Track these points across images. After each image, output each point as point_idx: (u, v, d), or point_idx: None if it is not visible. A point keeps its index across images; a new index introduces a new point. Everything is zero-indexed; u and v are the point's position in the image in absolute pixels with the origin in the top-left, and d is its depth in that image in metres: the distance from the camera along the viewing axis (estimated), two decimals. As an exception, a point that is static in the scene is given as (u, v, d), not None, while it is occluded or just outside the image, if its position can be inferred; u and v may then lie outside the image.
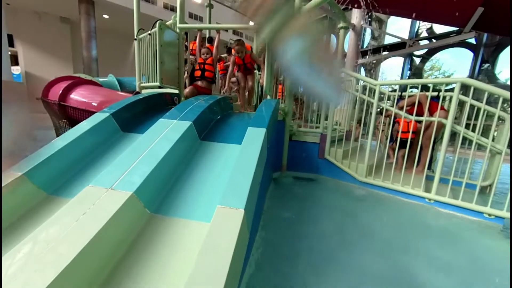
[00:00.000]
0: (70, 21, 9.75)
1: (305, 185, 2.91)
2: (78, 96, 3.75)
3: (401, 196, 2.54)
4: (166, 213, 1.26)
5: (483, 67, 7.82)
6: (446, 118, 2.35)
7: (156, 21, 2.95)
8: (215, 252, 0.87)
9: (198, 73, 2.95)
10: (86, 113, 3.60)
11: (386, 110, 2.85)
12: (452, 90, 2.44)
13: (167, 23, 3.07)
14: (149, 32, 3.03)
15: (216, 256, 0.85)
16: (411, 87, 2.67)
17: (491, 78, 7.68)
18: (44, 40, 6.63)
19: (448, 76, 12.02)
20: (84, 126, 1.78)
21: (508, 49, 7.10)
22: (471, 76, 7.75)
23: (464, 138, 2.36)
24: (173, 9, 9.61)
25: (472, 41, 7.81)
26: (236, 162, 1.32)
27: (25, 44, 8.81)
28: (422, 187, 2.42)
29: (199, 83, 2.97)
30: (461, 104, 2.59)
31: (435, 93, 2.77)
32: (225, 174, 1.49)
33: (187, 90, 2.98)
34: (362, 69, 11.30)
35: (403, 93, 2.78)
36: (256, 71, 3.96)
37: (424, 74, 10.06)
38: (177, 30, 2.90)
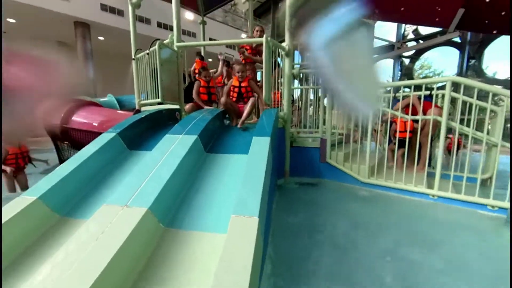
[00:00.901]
0: (67, 45, 9.97)
1: (310, 190, 2.94)
2: (79, 118, 3.82)
3: (404, 194, 2.58)
4: (179, 227, 1.29)
5: (471, 63, 8.09)
6: (440, 115, 2.44)
7: (154, 41, 3.06)
8: (235, 261, 0.90)
9: (205, 97, 2.95)
10: (88, 133, 3.65)
11: (384, 113, 2.95)
12: (444, 88, 2.54)
13: (165, 41, 3.19)
14: (147, 51, 3.13)
15: (236, 265, 0.88)
16: (404, 87, 2.78)
17: (479, 73, 7.94)
18: (42, 65, 6.77)
19: (438, 74, 12.36)
20: (92, 147, 1.82)
21: (492, 44, 7.41)
22: (460, 72, 8.00)
23: (460, 134, 2.43)
24: (167, 27, 9.90)
25: (457, 39, 8.12)
26: (245, 171, 1.37)
27: (22, 69, 8.93)
28: (425, 184, 2.47)
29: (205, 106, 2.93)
30: (453, 101, 2.69)
31: (428, 92, 2.88)
32: (233, 184, 1.53)
33: (187, 106, 3.04)
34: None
35: (397, 94, 2.88)
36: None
37: (415, 74, 10.36)
38: (175, 48, 3.00)
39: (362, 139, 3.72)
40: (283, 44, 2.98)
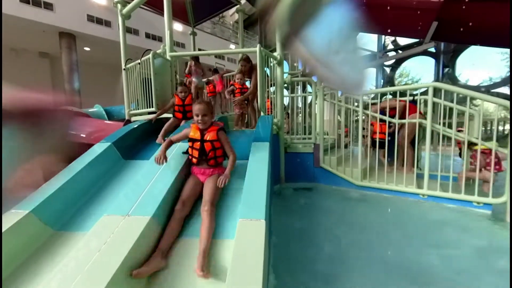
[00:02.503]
0: (49, 56, 9.69)
1: (306, 195, 2.97)
2: (66, 129, 3.68)
3: (396, 195, 2.68)
4: (186, 235, 1.27)
5: (445, 72, 8.71)
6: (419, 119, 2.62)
7: (146, 50, 3.07)
8: (246, 263, 0.90)
9: (179, 115, 2.45)
10: (76, 145, 3.52)
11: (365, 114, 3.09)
12: (426, 93, 2.72)
13: (157, 51, 3.21)
14: (139, 61, 3.13)
15: (248, 267, 0.88)
16: (390, 93, 2.94)
17: (453, 80, 8.55)
18: (23, 76, 6.52)
19: (416, 81, 13.15)
20: (86, 158, 1.77)
21: (463, 54, 8.08)
22: (437, 79, 8.58)
23: (443, 136, 2.59)
24: (155, 38, 9.91)
25: (433, 49, 8.77)
26: (247, 176, 1.38)
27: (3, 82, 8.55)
28: (415, 184, 2.58)
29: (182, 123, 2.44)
30: (435, 106, 2.88)
31: (411, 98, 3.06)
32: (235, 188, 1.54)
33: (170, 121, 2.50)
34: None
35: (384, 97, 3.04)
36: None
37: (396, 81, 10.97)
38: (168, 58, 3.02)
39: (351, 143, 3.85)
40: (275, 54, 3.09)
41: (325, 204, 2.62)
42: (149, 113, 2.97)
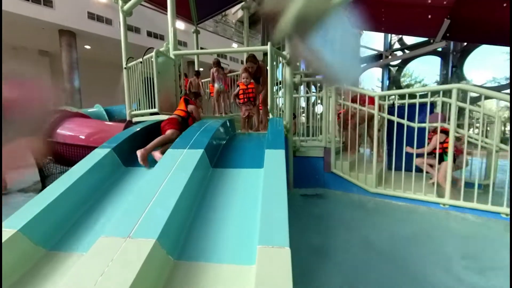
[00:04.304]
0: (49, 54, 9.55)
1: (317, 203, 2.81)
2: (65, 130, 3.54)
3: (414, 204, 2.51)
4: (192, 258, 1.11)
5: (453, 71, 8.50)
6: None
7: (148, 49, 2.91)
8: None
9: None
10: (74, 147, 3.37)
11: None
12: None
13: (160, 50, 3.05)
14: (140, 60, 2.98)
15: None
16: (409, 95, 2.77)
17: (462, 81, 8.34)
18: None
19: (419, 82, 12.86)
20: (83, 165, 1.61)
21: (473, 54, 7.88)
22: (445, 80, 8.37)
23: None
24: (157, 36, 9.75)
25: (439, 49, 8.56)
26: (263, 191, 1.22)
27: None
28: (435, 193, 2.42)
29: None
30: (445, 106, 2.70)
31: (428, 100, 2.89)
32: (248, 204, 1.38)
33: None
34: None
35: (402, 101, 2.87)
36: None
37: (402, 82, 10.76)
38: (172, 57, 2.86)
39: (359, 146, 3.68)
40: (284, 53, 2.92)
41: (339, 215, 2.44)
42: (151, 114, 2.82)
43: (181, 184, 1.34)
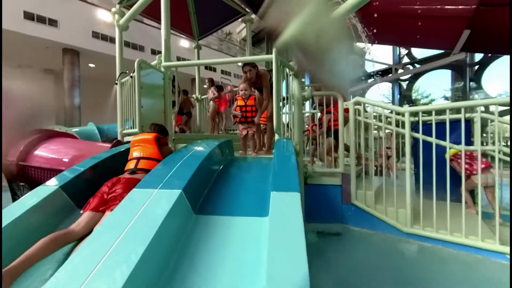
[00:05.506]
0: (54, 72, 9.61)
1: (335, 244, 2.24)
2: (45, 152, 3.14)
3: (466, 251, 1.91)
4: None
5: (460, 85, 8.03)
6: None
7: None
8: None
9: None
10: (54, 172, 2.94)
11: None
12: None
13: (152, 63, 2.70)
14: (131, 74, 2.63)
15: None
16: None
17: (481, 94, 7.82)
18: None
19: (427, 97, 12.20)
20: (25, 205, 1.14)
21: (491, 66, 7.42)
22: (463, 94, 7.86)
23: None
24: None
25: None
26: (269, 255, 0.71)
27: (4, 98, 8.41)
28: (497, 239, 1.81)
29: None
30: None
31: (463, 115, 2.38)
32: (248, 277, 0.85)
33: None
34: (351, 96, 11.48)
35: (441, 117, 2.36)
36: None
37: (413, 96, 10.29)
38: (162, 69, 2.49)
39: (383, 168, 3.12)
40: (291, 63, 2.51)
41: (365, 262, 1.86)
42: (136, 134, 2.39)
43: (144, 242, 0.84)
